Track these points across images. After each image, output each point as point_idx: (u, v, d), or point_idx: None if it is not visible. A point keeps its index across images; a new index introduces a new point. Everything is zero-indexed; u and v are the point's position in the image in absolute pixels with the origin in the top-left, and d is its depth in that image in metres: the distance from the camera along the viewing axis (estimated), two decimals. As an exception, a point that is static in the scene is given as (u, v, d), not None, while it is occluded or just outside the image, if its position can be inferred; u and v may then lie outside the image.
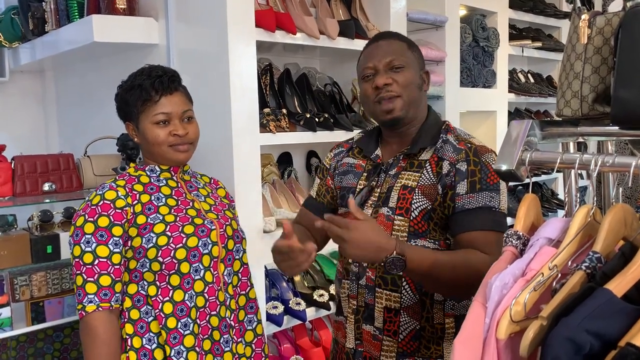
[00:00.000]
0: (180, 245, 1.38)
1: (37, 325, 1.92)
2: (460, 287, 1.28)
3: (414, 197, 1.35)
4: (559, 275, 0.88)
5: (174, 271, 1.38)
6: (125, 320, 1.38)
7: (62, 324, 1.95)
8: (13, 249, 1.90)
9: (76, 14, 2.31)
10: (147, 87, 1.40)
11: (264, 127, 2.05)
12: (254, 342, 1.53)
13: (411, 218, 1.35)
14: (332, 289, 2.28)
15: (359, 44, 2.26)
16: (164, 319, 1.37)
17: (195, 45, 2.07)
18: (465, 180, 1.32)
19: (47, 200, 2.10)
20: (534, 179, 3.53)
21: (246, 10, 1.93)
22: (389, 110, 1.38)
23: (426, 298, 1.36)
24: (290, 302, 2.16)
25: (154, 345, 1.37)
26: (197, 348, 1.38)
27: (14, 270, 1.93)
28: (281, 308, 2.11)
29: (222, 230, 1.46)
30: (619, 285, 0.79)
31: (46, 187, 2.06)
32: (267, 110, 2.11)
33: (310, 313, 2.19)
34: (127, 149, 2.08)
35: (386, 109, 1.38)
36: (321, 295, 2.22)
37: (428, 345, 1.37)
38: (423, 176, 1.37)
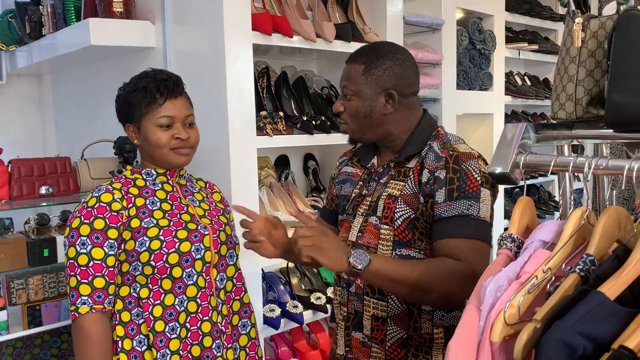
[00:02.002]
0: (173, 250, 1.38)
1: (34, 329, 1.92)
2: (429, 293, 1.25)
3: (397, 207, 1.35)
4: (553, 278, 0.88)
5: (165, 275, 1.38)
6: (116, 322, 1.38)
7: (60, 329, 1.94)
8: (10, 253, 1.90)
9: (73, 17, 2.32)
10: (152, 90, 1.41)
11: (260, 130, 2.05)
12: (248, 345, 1.53)
13: (395, 227, 1.35)
14: (330, 291, 2.28)
15: (355, 47, 2.25)
16: (152, 322, 1.37)
17: (192, 49, 2.07)
18: (444, 188, 1.30)
19: (44, 204, 2.10)
20: (531, 182, 3.54)
21: (243, 13, 1.93)
22: (344, 132, 1.46)
23: (414, 308, 1.35)
24: (288, 305, 2.16)
25: (144, 347, 1.38)
26: (181, 352, 1.38)
27: (11, 273, 1.93)
28: (278, 311, 2.11)
29: (215, 235, 1.46)
30: (612, 288, 0.79)
31: (43, 190, 2.05)
32: (264, 113, 2.11)
33: (308, 316, 2.19)
34: (124, 152, 2.08)
35: (342, 130, 1.47)
36: (318, 298, 2.22)
37: (416, 353, 1.36)
38: (406, 185, 1.37)
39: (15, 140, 2.96)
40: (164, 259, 1.37)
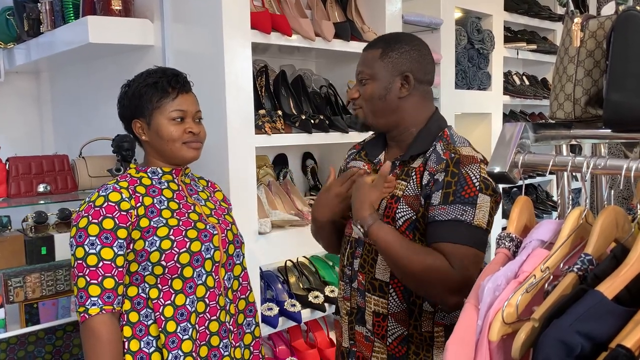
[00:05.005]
0: (184, 249, 1.37)
1: (31, 327, 1.91)
2: (413, 281, 1.29)
3: (399, 207, 1.35)
4: (551, 277, 0.88)
5: (176, 275, 1.37)
6: (124, 322, 1.37)
7: (55, 326, 1.94)
8: (7, 250, 1.89)
9: (71, 15, 2.31)
10: (164, 84, 1.42)
11: (259, 129, 2.05)
12: (252, 344, 1.54)
13: (397, 227, 1.34)
14: (328, 290, 2.28)
15: (354, 46, 2.27)
16: (163, 322, 1.36)
17: (190, 47, 2.07)
18: (440, 191, 1.29)
19: (42, 202, 2.09)
20: (529, 181, 3.54)
21: (242, 11, 1.93)
22: (356, 116, 1.46)
23: (414, 307, 1.36)
24: (286, 303, 2.16)
25: (152, 349, 1.36)
26: (194, 354, 1.37)
27: (8, 271, 1.93)
28: (276, 310, 2.11)
29: (223, 235, 1.46)
30: (610, 287, 0.79)
31: (41, 188, 2.05)
32: (262, 111, 2.11)
33: (306, 315, 2.19)
34: (122, 150, 2.08)
35: (354, 114, 1.46)
36: (316, 296, 2.23)
37: (417, 351, 1.36)
38: (409, 186, 1.36)
39: (13, 138, 2.96)
40: (175, 258, 1.36)
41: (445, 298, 1.27)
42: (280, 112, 2.18)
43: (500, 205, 3.23)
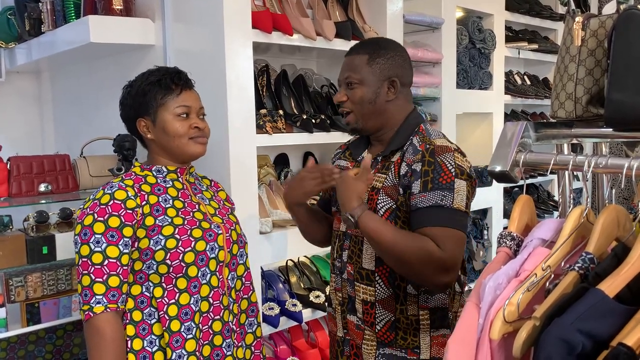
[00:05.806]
0: (189, 248, 1.37)
1: (32, 326, 1.91)
2: (404, 265, 1.35)
3: (379, 198, 1.44)
4: (552, 275, 0.88)
5: (181, 274, 1.37)
6: (127, 321, 1.36)
7: (55, 325, 1.94)
8: (8, 250, 1.89)
9: (72, 14, 2.31)
10: (167, 81, 1.43)
11: (260, 128, 2.05)
12: (253, 344, 1.54)
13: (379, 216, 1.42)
14: (328, 290, 2.28)
15: (355, 46, 2.27)
16: (167, 322, 1.36)
17: (191, 46, 2.07)
18: (419, 180, 1.38)
19: (43, 201, 2.09)
20: (530, 181, 3.54)
21: (243, 11, 1.93)
22: (347, 123, 1.53)
23: (400, 291, 1.44)
24: (287, 303, 2.16)
25: (155, 348, 1.36)
26: (197, 353, 1.37)
27: (9, 271, 1.93)
28: (277, 309, 2.11)
29: (227, 234, 1.46)
30: (611, 286, 0.80)
31: (42, 187, 2.05)
32: (263, 111, 2.11)
33: (307, 314, 2.19)
34: (123, 150, 2.08)
35: (345, 121, 1.54)
36: (317, 296, 2.23)
37: (405, 336, 1.44)
38: (388, 177, 1.45)
39: (14, 137, 2.96)
40: (180, 257, 1.36)
41: (435, 279, 1.34)
42: (281, 112, 2.18)
43: (502, 205, 3.25)
